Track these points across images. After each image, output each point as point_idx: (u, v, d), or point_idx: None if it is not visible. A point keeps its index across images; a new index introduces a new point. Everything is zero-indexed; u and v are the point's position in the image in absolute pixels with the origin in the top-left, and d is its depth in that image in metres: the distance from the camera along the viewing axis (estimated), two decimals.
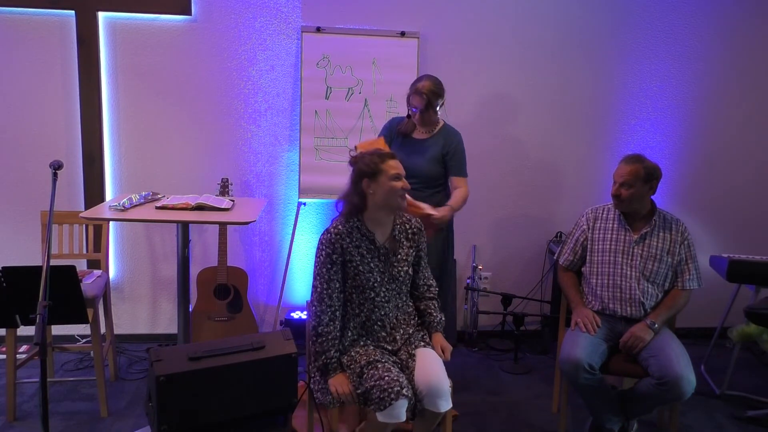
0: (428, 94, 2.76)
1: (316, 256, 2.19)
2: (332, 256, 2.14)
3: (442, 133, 2.88)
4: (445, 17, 3.53)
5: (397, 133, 2.90)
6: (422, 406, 2.10)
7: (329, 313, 2.14)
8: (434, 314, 2.31)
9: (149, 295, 3.63)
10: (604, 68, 3.69)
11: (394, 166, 2.18)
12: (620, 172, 2.51)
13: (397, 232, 2.27)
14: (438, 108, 2.82)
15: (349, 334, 2.21)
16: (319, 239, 2.19)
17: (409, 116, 2.86)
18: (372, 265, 2.18)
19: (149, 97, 3.44)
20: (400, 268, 2.24)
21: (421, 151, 2.84)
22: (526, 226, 3.81)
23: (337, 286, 2.16)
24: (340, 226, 2.16)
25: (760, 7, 3.70)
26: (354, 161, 2.21)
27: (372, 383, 2.03)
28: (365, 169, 2.16)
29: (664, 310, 2.49)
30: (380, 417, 2.00)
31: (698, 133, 3.81)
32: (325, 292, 2.15)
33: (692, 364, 2.32)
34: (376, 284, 2.18)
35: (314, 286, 2.18)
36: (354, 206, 2.19)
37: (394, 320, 2.26)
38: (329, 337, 2.13)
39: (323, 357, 2.13)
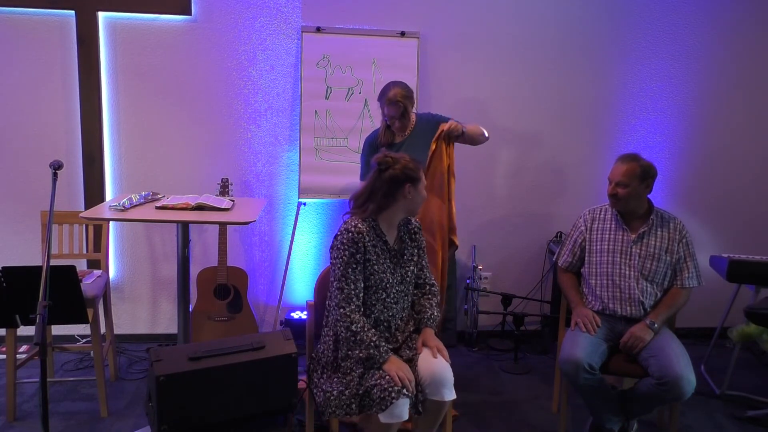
0: (402, 100, 2.78)
1: (336, 257, 2.14)
2: (356, 255, 2.11)
3: (422, 124, 2.89)
4: (445, 17, 3.54)
5: (380, 146, 2.90)
6: (425, 397, 2.10)
7: (358, 311, 2.12)
8: (428, 310, 2.28)
9: (149, 295, 3.63)
10: (604, 68, 3.69)
11: (423, 174, 2.22)
12: (616, 172, 2.52)
13: (402, 233, 2.27)
14: (412, 109, 2.86)
15: None
16: (339, 240, 2.14)
17: (388, 126, 2.88)
18: (385, 266, 2.18)
19: (149, 97, 3.44)
20: (408, 269, 2.25)
21: (413, 149, 2.84)
22: (526, 226, 3.81)
23: (361, 285, 2.14)
24: (360, 225, 2.13)
25: (760, 7, 3.70)
26: (392, 162, 2.15)
27: (373, 382, 2.03)
28: (411, 174, 2.14)
29: (664, 309, 2.49)
30: (382, 418, 1.99)
31: (698, 133, 3.81)
32: (353, 292, 2.11)
33: (692, 364, 2.32)
34: (388, 285, 2.18)
35: (339, 288, 2.11)
36: (377, 206, 2.15)
37: (399, 321, 2.26)
38: (366, 329, 2.09)
39: (370, 347, 2.06)
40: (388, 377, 2.01)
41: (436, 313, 2.30)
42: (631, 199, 2.51)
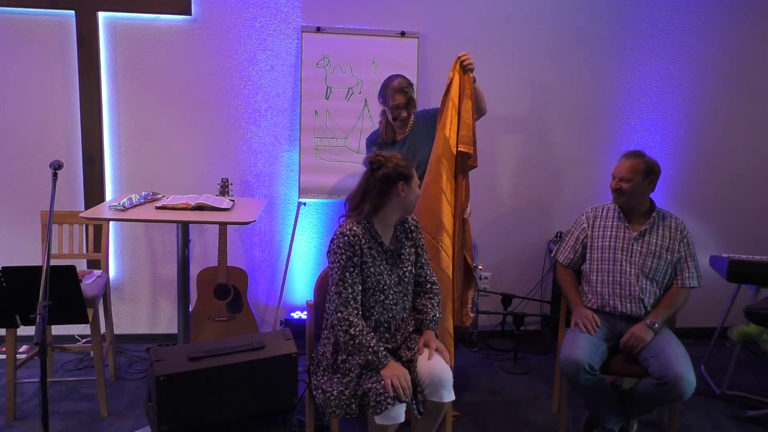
0: (407, 88, 2.81)
1: (333, 261, 2.13)
2: (353, 258, 2.10)
3: (420, 120, 2.91)
4: (445, 17, 3.54)
5: (382, 144, 2.91)
6: (424, 397, 2.10)
7: (356, 314, 2.11)
8: (430, 311, 2.27)
9: (149, 295, 3.63)
10: (605, 68, 3.69)
11: (415, 172, 2.21)
12: (620, 167, 2.53)
13: (398, 233, 2.27)
14: (415, 100, 2.89)
15: None
16: (335, 243, 2.14)
17: (394, 118, 2.85)
18: (382, 267, 2.18)
19: (149, 97, 3.44)
20: (405, 269, 2.24)
21: (415, 145, 2.85)
22: (526, 226, 3.81)
23: (359, 288, 2.13)
24: (355, 228, 2.12)
25: (760, 6, 3.70)
26: (384, 161, 2.14)
27: (369, 385, 2.03)
28: (404, 171, 2.13)
29: (664, 308, 2.49)
30: (378, 420, 2.00)
31: (698, 133, 3.81)
32: (350, 296, 2.10)
33: (692, 364, 2.32)
34: (386, 287, 2.18)
35: (337, 293, 2.11)
36: (372, 207, 2.14)
37: (400, 321, 2.26)
38: (365, 332, 2.08)
39: (369, 353, 2.04)
40: (384, 382, 2.01)
41: (438, 315, 2.29)
42: (634, 195, 2.52)
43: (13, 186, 3.42)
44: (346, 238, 2.11)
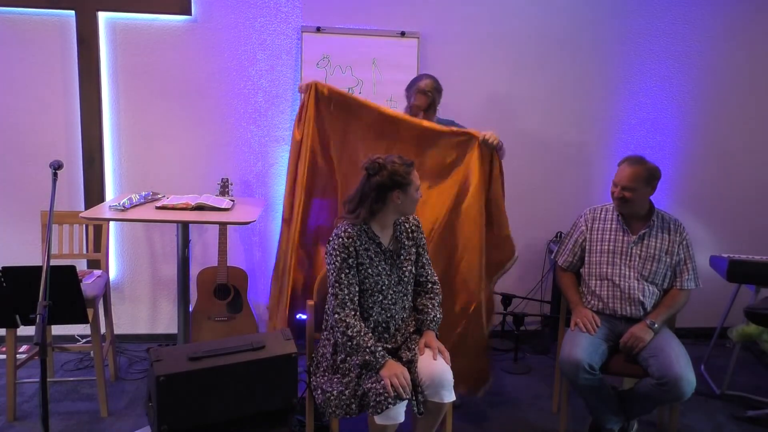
0: (432, 92, 2.81)
1: (329, 263, 2.15)
2: (348, 260, 2.11)
3: (441, 124, 2.90)
4: (445, 17, 3.53)
5: None
6: (425, 398, 2.10)
7: (353, 315, 2.11)
8: (431, 312, 2.27)
9: (149, 295, 3.63)
10: (604, 67, 3.69)
11: (417, 175, 2.18)
12: (622, 175, 2.51)
13: (398, 233, 2.27)
14: (438, 105, 2.86)
15: None
16: (330, 245, 2.15)
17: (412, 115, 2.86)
18: (380, 268, 2.18)
19: (149, 97, 3.44)
20: (405, 269, 2.24)
21: None
22: (526, 226, 3.81)
23: (355, 289, 2.13)
24: (349, 230, 2.13)
25: (760, 5, 3.70)
26: (379, 168, 2.12)
27: (369, 386, 2.03)
28: (399, 180, 2.11)
29: (664, 309, 2.49)
30: (378, 419, 2.00)
31: (698, 133, 3.81)
32: (347, 297, 2.11)
33: (692, 364, 2.32)
34: (384, 287, 2.18)
35: (334, 294, 2.12)
36: (368, 213, 2.14)
37: (400, 321, 2.26)
38: (362, 333, 2.08)
39: (366, 354, 2.05)
40: (383, 382, 2.01)
41: (438, 315, 2.29)
42: (637, 202, 2.51)
43: (13, 186, 3.42)
44: (340, 240, 2.12)
